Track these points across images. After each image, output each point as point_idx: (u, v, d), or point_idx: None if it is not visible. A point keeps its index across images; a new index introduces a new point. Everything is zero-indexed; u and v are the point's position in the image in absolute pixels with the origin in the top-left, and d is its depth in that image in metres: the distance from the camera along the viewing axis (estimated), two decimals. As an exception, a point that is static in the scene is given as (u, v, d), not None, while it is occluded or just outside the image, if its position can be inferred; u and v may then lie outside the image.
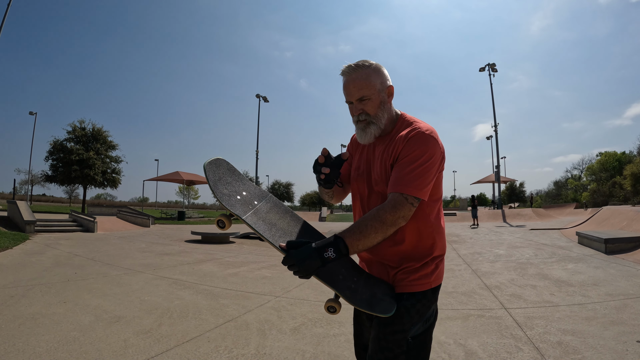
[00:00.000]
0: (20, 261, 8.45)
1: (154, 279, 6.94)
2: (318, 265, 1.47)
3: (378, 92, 1.76)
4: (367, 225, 1.55)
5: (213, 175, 1.64)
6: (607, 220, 14.14)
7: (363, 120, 1.79)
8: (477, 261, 8.79)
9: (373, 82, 1.75)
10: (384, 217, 1.56)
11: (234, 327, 4.35)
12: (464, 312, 4.85)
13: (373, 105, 1.77)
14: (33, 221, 14.90)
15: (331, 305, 1.65)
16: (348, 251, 1.52)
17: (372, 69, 1.76)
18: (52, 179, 35.04)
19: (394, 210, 1.57)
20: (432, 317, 1.78)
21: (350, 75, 1.75)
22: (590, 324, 4.23)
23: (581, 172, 65.35)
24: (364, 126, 1.80)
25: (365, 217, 1.59)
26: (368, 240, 1.54)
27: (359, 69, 1.74)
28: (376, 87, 1.75)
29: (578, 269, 7.31)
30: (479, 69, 39.56)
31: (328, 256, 1.48)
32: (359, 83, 1.73)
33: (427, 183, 1.65)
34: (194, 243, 13.55)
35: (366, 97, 1.75)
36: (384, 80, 1.79)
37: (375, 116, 1.78)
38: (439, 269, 1.81)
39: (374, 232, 1.54)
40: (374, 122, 1.79)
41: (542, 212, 30.03)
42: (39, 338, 3.84)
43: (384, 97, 1.79)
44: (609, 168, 53.83)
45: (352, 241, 1.52)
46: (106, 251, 10.65)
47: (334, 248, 1.50)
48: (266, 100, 47.06)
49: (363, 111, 1.78)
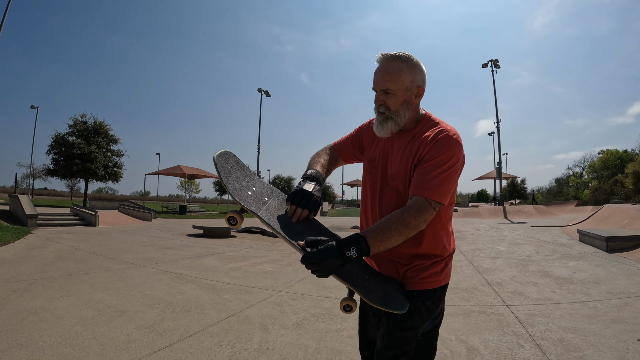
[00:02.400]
0: (22, 255, 8.47)
1: (156, 273, 6.96)
2: (339, 265, 1.45)
3: (405, 90, 1.72)
4: (390, 227, 1.53)
5: (223, 168, 1.61)
6: (609, 218, 14.13)
7: (382, 112, 1.76)
8: (478, 257, 8.80)
9: (403, 78, 1.70)
10: (408, 220, 1.54)
11: (236, 322, 4.36)
12: (466, 309, 4.86)
13: (396, 102, 1.73)
14: (35, 215, 14.90)
15: (347, 304, 1.63)
16: (369, 251, 1.50)
17: (407, 64, 1.70)
18: (54, 173, 35.05)
19: (418, 214, 1.56)
20: (440, 314, 1.78)
21: (382, 64, 1.71)
22: (591, 321, 4.24)
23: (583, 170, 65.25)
24: (382, 119, 1.77)
25: (389, 219, 1.56)
26: (390, 242, 1.53)
27: (394, 61, 1.70)
28: (404, 84, 1.70)
29: (579, 266, 7.31)
30: (482, 65, 39.34)
31: (350, 255, 1.46)
32: (387, 75, 1.69)
33: (450, 188, 1.66)
34: (196, 237, 13.56)
35: (391, 90, 1.70)
36: (415, 79, 1.73)
37: (396, 113, 1.74)
38: (448, 267, 1.81)
39: (396, 235, 1.53)
40: (393, 119, 1.75)
41: (543, 209, 29.98)
42: (42, 333, 3.86)
43: (409, 96, 1.74)
44: (611, 166, 53.71)
45: (375, 242, 1.51)
46: (108, 245, 10.67)
47: (356, 247, 1.48)
48: (268, 94, 46.98)
49: (384, 104, 1.74)
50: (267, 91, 46.70)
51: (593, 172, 58.06)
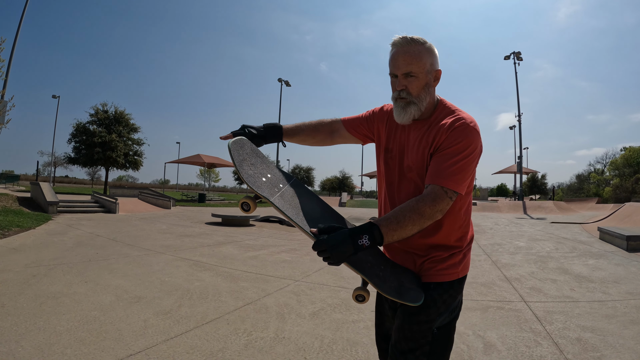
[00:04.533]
0: (42, 241, 8.60)
1: (174, 260, 7.02)
2: (351, 252, 1.41)
3: (426, 73, 1.68)
4: (404, 216, 1.49)
5: (238, 155, 1.60)
6: (630, 216, 13.91)
7: (403, 98, 1.69)
8: (497, 252, 8.73)
9: (424, 60, 1.66)
10: (423, 209, 1.51)
11: (253, 310, 4.38)
12: (484, 304, 4.82)
13: (418, 85, 1.67)
14: (56, 202, 15.11)
15: (360, 293, 1.59)
16: (382, 240, 1.47)
17: (426, 47, 1.67)
18: (75, 161, 35.42)
19: (434, 203, 1.52)
20: (458, 307, 1.74)
21: (402, 47, 1.66)
22: (610, 321, 4.17)
23: (604, 167, 64.25)
24: (404, 104, 1.70)
25: (403, 208, 1.53)
26: (404, 231, 1.49)
27: (414, 43, 1.66)
28: (426, 66, 1.67)
29: (599, 265, 7.21)
30: (504, 57, 38.89)
31: (362, 243, 1.43)
32: (409, 57, 1.64)
33: (467, 177, 1.61)
34: (215, 225, 13.67)
35: (413, 73, 1.65)
36: (434, 62, 1.70)
37: (418, 97, 1.69)
38: (466, 259, 1.78)
39: (411, 224, 1.49)
40: (415, 103, 1.69)
41: (563, 205, 29.63)
42: (60, 317, 3.91)
43: (430, 80, 1.70)
44: (633, 164, 52.70)
45: (388, 230, 1.47)
46: (127, 232, 10.80)
47: (368, 235, 1.44)
48: (288, 84, 47.00)
49: (406, 88, 1.68)
50: (287, 81, 46.75)
51: (615, 170, 57.05)
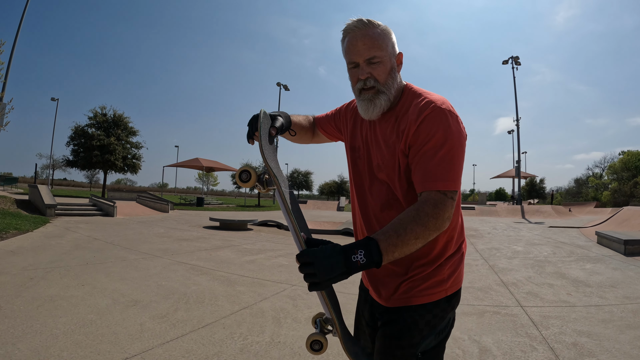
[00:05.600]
0: (40, 244, 8.59)
1: (171, 264, 7.02)
2: (341, 271, 1.18)
3: (390, 56, 1.49)
4: (406, 228, 1.25)
5: (264, 127, 1.50)
6: (628, 220, 13.93)
7: (370, 87, 1.48)
8: (494, 257, 8.73)
9: (387, 42, 1.47)
10: (426, 222, 1.26)
11: (249, 315, 4.38)
12: (480, 308, 4.82)
13: (384, 71, 1.47)
14: (54, 205, 15.12)
15: (316, 339, 1.36)
16: (381, 258, 1.21)
17: (383, 28, 1.48)
18: (73, 164, 35.48)
19: (437, 212, 1.28)
20: (448, 327, 1.52)
21: (360, 30, 1.45)
22: (606, 326, 4.17)
23: (603, 171, 64.34)
24: (371, 96, 1.48)
25: (403, 219, 1.28)
26: (407, 247, 1.25)
27: (371, 26, 1.46)
28: (388, 49, 1.48)
29: (596, 269, 7.22)
30: (502, 61, 39.01)
31: (357, 260, 1.19)
32: (370, 40, 1.44)
33: (461, 170, 1.40)
34: (212, 229, 13.66)
35: (377, 58, 1.45)
36: (395, 44, 1.52)
37: (386, 84, 1.48)
38: (457, 272, 1.54)
39: (414, 238, 1.25)
40: (384, 92, 1.48)
41: (561, 209, 29.67)
42: (57, 320, 3.91)
43: (394, 64, 1.51)
44: (631, 168, 52.83)
45: (388, 246, 1.22)
46: (125, 235, 10.79)
47: (364, 251, 1.20)
48: (287, 88, 47.06)
49: (371, 76, 1.47)
50: (285, 85, 46.83)
51: (613, 174, 57.20)
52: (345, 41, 1.51)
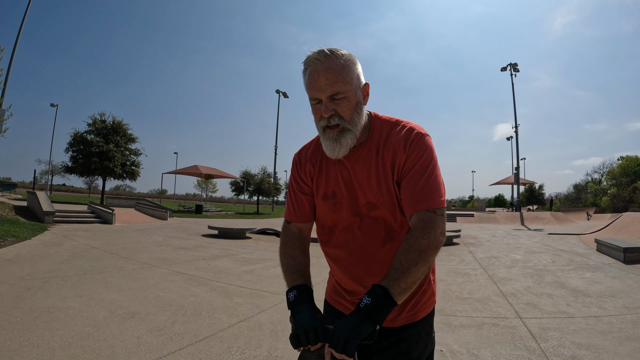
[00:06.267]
0: (38, 252, 8.58)
1: (169, 274, 7.00)
2: (372, 329, 1.19)
3: (355, 90, 1.41)
4: (400, 261, 1.27)
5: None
6: (627, 227, 13.94)
7: (335, 125, 1.41)
8: (493, 266, 8.71)
9: (350, 75, 1.39)
10: (417, 245, 1.28)
11: (247, 328, 4.36)
12: (479, 320, 4.80)
13: (349, 106, 1.40)
14: (52, 212, 15.11)
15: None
16: (394, 298, 1.22)
17: (347, 58, 1.40)
18: (72, 170, 35.38)
19: (428, 232, 1.30)
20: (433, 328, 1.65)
21: (321, 63, 1.36)
22: (605, 338, 4.15)
23: (602, 176, 64.40)
24: (336, 134, 1.41)
25: (398, 255, 1.29)
26: (411, 277, 1.25)
27: (334, 57, 1.37)
28: (353, 82, 1.40)
29: (596, 278, 7.21)
30: (501, 68, 39.24)
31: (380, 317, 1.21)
32: (333, 75, 1.35)
33: (443, 185, 1.42)
34: (211, 237, 13.66)
35: (342, 94, 1.37)
36: (360, 75, 1.44)
37: (351, 121, 1.41)
38: (435, 279, 1.64)
39: (414, 266, 1.25)
40: (350, 129, 1.41)
41: (560, 216, 29.71)
42: (54, 332, 3.89)
43: (360, 97, 1.44)
44: (630, 173, 52.90)
45: (394, 285, 1.24)
46: (123, 244, 10.77)
47: (372, 299, 1.22)
48: (286, 95, 47.24)
49: (336, 113, 1.39)
50: (284, 92, 47.01)
51: (612, 179, 57.25)
52: (306, 74, 1.41)
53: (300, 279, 1.48)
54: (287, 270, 1.53)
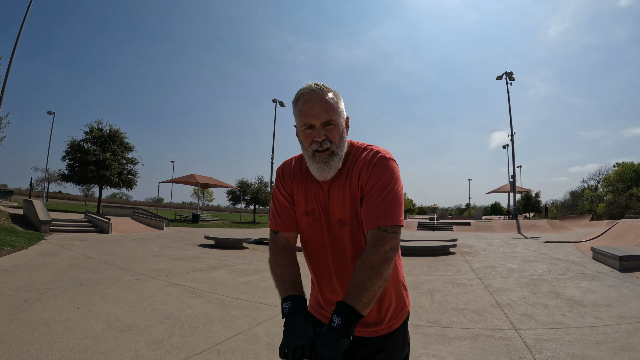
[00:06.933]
0: (34, 262, 8.58)
1: (166, 285, 7.00)
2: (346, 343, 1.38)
3: (341, 121, 1.61)
4: (357, 277, 1.43)
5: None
6: (623, 235, 13.97)
7: (326, 149, 1.57)
8: (489, 276, 8.74)
9: (339, 107, 1.60)
10: (369, 261, 1.43)
11: (244, 341, 4.37)
12: (474, 332, 4.82)
13: (337, 133, 1.58)
14: (48, 221, 15.09)
15: None
16: (357, 312, 1.40)
17: (336, 93, 1.61)
18: (69, 179, 35.38)
19: (377, 248, 1.44)
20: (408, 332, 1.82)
21: (317, 94, 1.56)
22: (600, 348, 4.18)
23: (598, 183, 64.64)
24: (326, 158, 1.57)
25: (355, 272, 1.45)
26: (370, 292, 1.41)
27: (326, 90, 1.58)
28: (340, 113, 1.61)
29: (591, 287, 7.24)
30: (496, 77, 39.27)
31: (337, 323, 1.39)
32: (327, 105, 1.55)
33: (402, 207, 1.55)
34: (207, 248, 13.66)
35: (333, 121, 1.56)
36: (344, 109, 1.64)
37: (339, 146, 1.59)
38: (406, 291, 1.82)
39: (369, 281, 1.41)
40: (337, 153, 1.58)
41: (557, 223, 29.75)
42: (52, 345, 3.89)
43: (344, 127, 1.63)
44: (626, 179, 53.20)
45: (357, 302, 1.40)
46: (120, 254, 10.77)
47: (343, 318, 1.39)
48: (282, 105, 47.28)
49: (327, 138, 1.56)
50: (281, 102, 47.13)
51: (608, 185, 57.51)
52: (299, 103, 1.59)
53: (294, 289, 1.60)
54: (281, 280, 1.64)
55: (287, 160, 1.83)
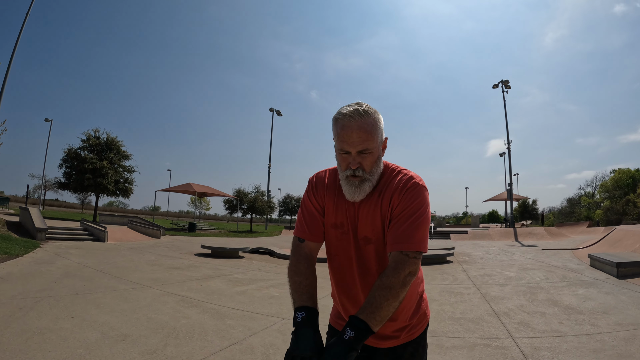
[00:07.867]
0: (30, 270, 8.53)
1: (161, 295, 6.97)
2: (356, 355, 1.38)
3: (378, 146, 1.60)
4: (374, 296, 1.45)
5: None
6: (620, 241, 13.96)
7: (358, 176, 1.59)
8: (486, 284, 8.72)
9: (378, 133, 1.58)
10: (388, 282, 1.45)
11: (238, 351, 4.34)
12: (471, 341, 4.80)
13: (372, 160, 1.59)
14: (44, 229, 15.03)
15: None
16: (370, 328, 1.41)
17: (376, 117, 1.58)
18: (65, 186, 35.22)
19: (397, 271, 1.47)
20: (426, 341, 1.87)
21: (355, 121, 1.53)
22: (597, 356, 4.16)
23: (594, 190, 64.73)
24: (358, 183, 1.60)
25: (373, 289, 1.47)
26: (384, 311, 1.43)
27: (366, 116, 1.54)
28: (378, 139, 1.59)
29: (589, 294, 7.22)
30: (492, 85, 39.37)
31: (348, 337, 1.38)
32: (364, 134, 1.53)
33: (426, 234, 1.57)
34: (204, 257, 13.59)
35: (368, 150, 1.56)
36: (382, 131, 1.62)
37: (371, 172, 1.60)
38: (426, 303, 1.89)
39: (385, 301, 1.43)
40: (369, 180, 1.60)
41: (554, 230, 29.77)
42: (46, 354, 3.86)
43: (380, 151, 1.63)
44: (623, 185, 53.28)
45: (369, 318, 1.41)
46: (115, 263, 10.72)
47: (355, 332, 1.38)
48: (279, 114, 47.41)
49: (360, 166, 1.58)
50: (278, 111, 47.23)
51: (605, 192, 57.58)
52: (338, 127, 1.58)
53: (309, 300, 1.60)
54: (298, 289, 1.65)
55: (321, 172, 1.86)
